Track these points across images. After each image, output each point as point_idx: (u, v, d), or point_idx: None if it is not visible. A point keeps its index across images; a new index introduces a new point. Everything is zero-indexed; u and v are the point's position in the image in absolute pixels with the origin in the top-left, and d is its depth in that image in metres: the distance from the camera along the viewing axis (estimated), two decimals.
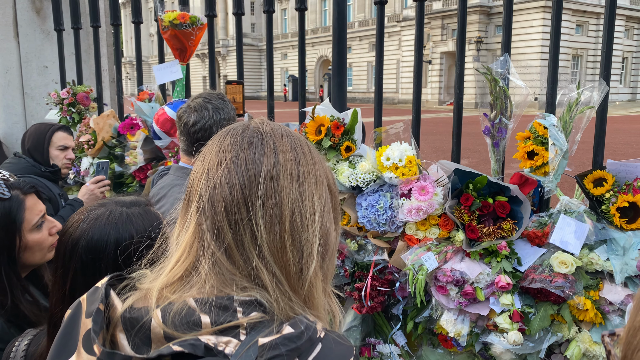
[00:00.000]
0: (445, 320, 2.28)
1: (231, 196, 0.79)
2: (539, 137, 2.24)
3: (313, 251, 0.82)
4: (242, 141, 0.83)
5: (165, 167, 2.19)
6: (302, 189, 0.82)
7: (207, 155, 0.86)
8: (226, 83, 2.63)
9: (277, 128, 0.87)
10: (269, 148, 0.83)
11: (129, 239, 1.09)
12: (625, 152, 13.77)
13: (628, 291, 2.03)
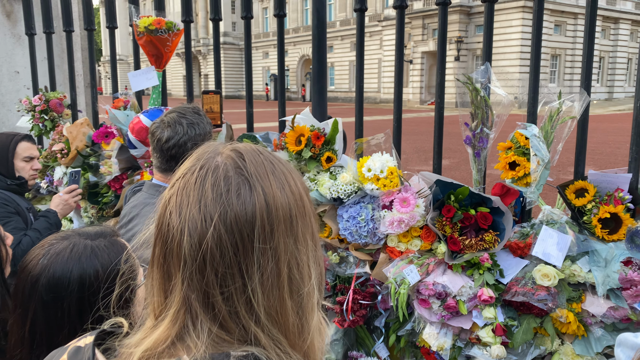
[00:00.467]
0: (428, 334, 2.25)
1: (223, 263, 0.71)
2: (520, 148, 2.22)
3: (313, 301, 0.77)
4: (227, 192, 0.73)
5: (138, 183, 2.11)
6: (297, 237, 0.76)
7: (184, 208, 0.74)
8: (203, 93, 2.56)
9: (259, 163, 0.78)
10: (259, 198, 0.74)
11: (94, 274, 1.02)
12: (602, 151, 13.99)
13: (610, 303, 2.02)
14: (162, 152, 1.73)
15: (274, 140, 2.56)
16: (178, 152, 1.73)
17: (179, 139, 1.71)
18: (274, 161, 0.80)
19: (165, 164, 1.76)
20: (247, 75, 3.06)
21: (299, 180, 0.81)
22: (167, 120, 1.74)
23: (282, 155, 2.49)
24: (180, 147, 1.72)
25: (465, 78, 2.38)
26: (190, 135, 1.73)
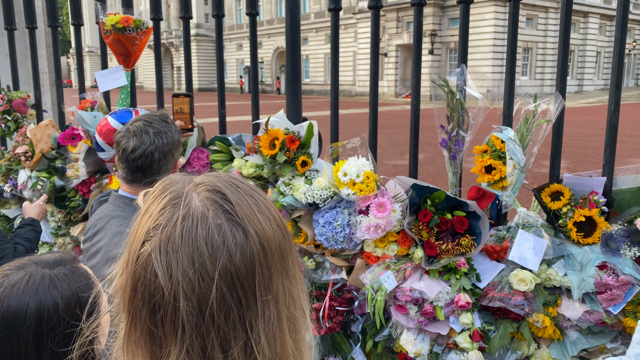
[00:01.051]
0: (405, 340, 2.23)
1: (227, 324, 0.65)
2: (496, 152, 2.21)
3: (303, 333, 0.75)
4: (224, 244, 0.66)
5: (104, 193, 2.03)
6: (289, 272, 0.72)
7: (174, 269, 0.65)
8: (173, 96, 2.47)
9: (243, 200, 0.71)
10: (254, 242, 0.68)
11: (52, 307, 0.93)
12: (573, 144, 14.26)
13: (585, 307, 2.03)
14: (127, 163, 1.65)
15: (247, 144, 2.50)
16: (145, 163, 1.65)
17: (145, 148, 1.63)
18: (253, 192, 0.75)
19: (132, 175, 1.68)
20: (219, 75, 2.98)
21: (275, 210, 0.77)
22: (132, 129, 1.66)
23: (256, 159, 2.43)
24: (147, 158, 1.64)
25: (440, 80, 2.35)
26: (157, 144, 1.65)
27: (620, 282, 1.97)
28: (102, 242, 1.66)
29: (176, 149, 1.74)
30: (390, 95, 40.28)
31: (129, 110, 2.86)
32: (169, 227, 0.68)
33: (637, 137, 15.65)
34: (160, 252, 0.67)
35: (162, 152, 1.66)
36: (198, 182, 0.73)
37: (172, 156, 1.71)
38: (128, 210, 1.69)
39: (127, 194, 1.71)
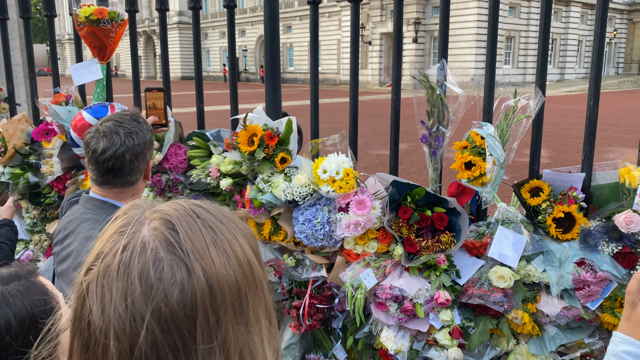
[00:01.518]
0: (385, 337, 2.22)
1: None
2: (476, 148, 2.20)
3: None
4: (159, 282, 0.59)
5: (75, 193, 1.98)
6: (248, 319, 0.64)
7: (107, 304, 0.60)
8: (146, 90, 2.41)
9: (196, 232, 0.64)
10: (199, 282, 0.60)
11: (4, 327, 0.87)
12: (554, 133, 14.39)
13: (564, 303, 2.04)
14: (98, 165, 1.60)
15: (225, 140, 2.46)
16: (115, 165, 1.60)
17: (115, 150, 1.58)
18: (215, 224, 0.67)
19: (102, 177, 1.63)
20: (197, 69, 2.92)
21: (247, 241, 0.69)
22: (102, 130, 1.61)
23: (235, 155, 2.39)
24: (117, 159, 1.59)
25: (421, 75, 2.33)
26: (128, 145, 1.60)
27: (598, 279, 1.98)
28: (73, 247, 1.61)
29: (148, 150, 1.69)
30: (374, 84, 40.23)
31: (104, 105, 2.79)
32: (109, 256, 0.63)
33: (617, 125, 15.85)
34: (97, 284, 0.61)
35: (134, 153, 1.62)
36: (157, 209, 0.67)
37: (143, 157, 1.67)
38: (99, 213, 1.64)
39: (98, 196, 1.67)
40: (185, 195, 2.70)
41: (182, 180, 2.72)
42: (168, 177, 2.70)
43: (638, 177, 2.06)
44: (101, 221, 1.62)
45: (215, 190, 2.57)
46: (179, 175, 2.73)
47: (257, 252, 0.70)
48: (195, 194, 2.64)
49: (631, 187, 2.08)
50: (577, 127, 15.69)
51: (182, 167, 2.71)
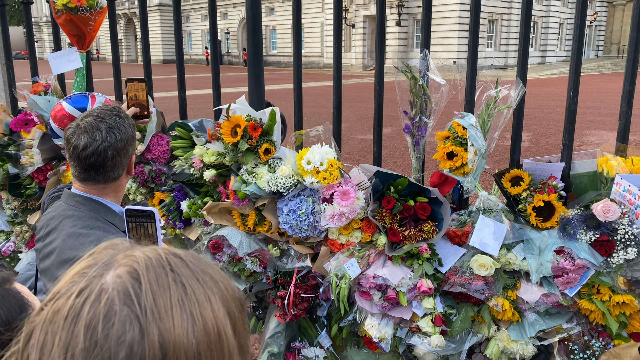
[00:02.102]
0: (369, 325, 2.26)
1: None
2: (458, 138, 2.22)
3: None
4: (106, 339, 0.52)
5: (57, 188, 1.95)
6: None
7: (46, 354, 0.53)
8: (126, 81, 2.37)
9: (163, 287, 0.57)
10: (152, 346, 0.53)
11: None
12: (535, 116, 14.53)
13: (543, 290, 2.09)
14: (79, 161, 1.58)
15: (208, 130, 2.44)
16: (97, 161, 1.58)
17: (97, 146, 1.56)
18: (189, 281, 0.59)
19: (84, 174, 1.62)
20: (179, 58, 2.89)
21: (224, 304, 0.60)
22: (83, 125, 1.58)
23: (218, 146, 2.38)
24: (99, 155, 1.58)
25: (403, 65, 2.33)
26: (110, 141, 1.58)
27: (576, 266, 2.03)
28: (56, 244, 1.60)
29: (130, 145, 1.67)
30: (358, 67, 40.08)
31: (84, 94, 2.76)
32: (62, 298, 0.56)
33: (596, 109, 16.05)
34: (42, 328, 0.55)
35: (116, 149, 1.60)
36: (130, 254, 0.61)
37: (126, 152, 1.65)
38: (82, 210, 1.63)
39: (80, 193, 1.65)
40: (169, 185, 2.68)
41: (165, 171, 2.71)
42: (151, 167, 2.69)
43: (615, 167, 2.10)
44: (84, 217, 1.61)
45: (199, 181, 2.56)
46: (162, 166, 2.71)
47: (236, 319, 0.62)
48: (178, 185, 2.63)
49: (609, 176, 2.12)
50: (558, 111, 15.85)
51: (164, 158, 2.69)
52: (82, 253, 1.54)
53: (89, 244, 1.55)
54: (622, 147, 2.17)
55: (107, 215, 1.66)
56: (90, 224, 1.60)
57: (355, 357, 2.48)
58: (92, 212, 1.63)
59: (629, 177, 2.02)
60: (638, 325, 2.06)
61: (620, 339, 2.08)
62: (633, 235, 1.98)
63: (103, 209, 1.66)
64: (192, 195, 2.60)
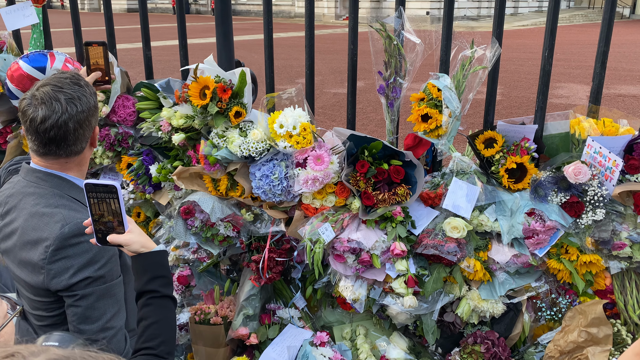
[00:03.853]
0: (343, 286, 2.28)
1: None
2: (432, 100, 2.19)
3: None
4: None
5: (15, 161, 1.85)
6: None
7: None
8: (85, 45, 2.23)
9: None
10: None
11: None
12: (507, 69, 14.55)
13: (514, 251, 2.13)
14: (38, 135, 1.47)
15: (176, 92, 2.35)
16: (58, 134, 1.47)
17: (57, 118, 1.45)
18: None
19: (44, 148, 1.51)
20: (142, 13, 2.74)
21: None
22: (39, 96, 1.46)
23: (186, 109, 2.30)
24: (60, 128, 1.46)
25: (378, 24, 2.26)
26: (71, 113, 1.47)
27: (546, 228, 2.06)
28: (17, 223, 1.52)
29: (93, 116, 1.56)
30: (330, 17, 39.14)
31: (43, 53, 2.61)
32: None
33: (566, 61, 16.14)
34: None
35: (77, 121, 1.49)
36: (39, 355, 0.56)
37: (89, 124, 1.55)
38: (44, 187, 1.55)
39: (41, 168, 1.55)
40: (136, 149, 2.60)
41: (132, 134, 2.62)
42: (117, 130, 2.59)
43: (587, 128, 2.11)
44: (47, 195, 1.53)
45: (167, 145, 2.48)
46: (129, 129, 2.62)
47: None
48: (146, 149, 2.55)
49: (580, 137, 2.13)
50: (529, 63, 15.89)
51: (131, 120, 2.60)
52: (46, 234, 1.47)
53: (54, 223, 1.47)
54: (594, 109, 2.17)
55: (71, 191, 1.57)
56: (54, 202, 1.52)
57: (329, 317, 2.52)
58: (55, 189, 1.54)
59: (600, 139, 2.03)
60: (603, 283, 2.13)
61: (586, 296, 2.15)
62: (602, 196, 2.02)
63: (66, 185, 1.57)
64: (161, 159, 2.53)
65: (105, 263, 1.52)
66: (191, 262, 2.61)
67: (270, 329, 2.46)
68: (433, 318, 2.21)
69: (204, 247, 2.37)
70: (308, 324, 2.49)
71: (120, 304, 1.58)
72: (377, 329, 2.46)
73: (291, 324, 2.48)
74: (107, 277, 1.53)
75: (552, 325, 2.26)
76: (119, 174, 2.69)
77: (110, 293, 1.53)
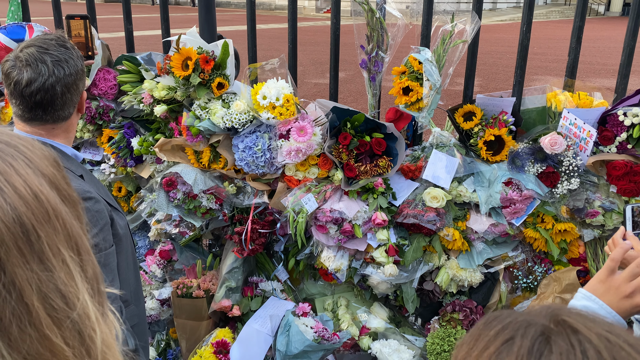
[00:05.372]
0: (326, 257, 2.31)
1: None
2: (414, 73, 2.22)
3: (91, 320, 0.61)
4: None
5: None
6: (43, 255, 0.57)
7: None
8: (67, 18, 2.20)
9: None
10: None
11: None
12: (486, 62, 14.74)
13: (492, 221, 2.18)
14: (23, 99, 1.43)
15: (158, 64, 2.34)
16: (45, 98, 1.43)
17: (43, 81, 1.40)
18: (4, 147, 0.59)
19: (30, 113, 1.46)
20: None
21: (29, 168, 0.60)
22: (24, 58, 1.41)
23: (168, 80, 2.29)
24: (47, 92, 1.41)
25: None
26: (58, 76, 1.41)
27: (523, 197, 2.12)
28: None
29: (80, 79, 1.52)
30: (310, 10, 39.07)
31: (21, 24, 2.57)
32: None
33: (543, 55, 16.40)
34: None
35: (65, 84, 1.44)
36: None
37: (76, 88, 1.50)
38: None
39: (26, 134, 1.53)
40: (118, 122, 2.58)
41: (113, 107, 2.60)
42: (98, 103, 2.57)
43: (563, 101, 2.17)
44: None
45: (149, 118, 2.47)
46: (110, 102, 2.60)
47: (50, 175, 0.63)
48: (128, 122, 2.53)
49: (557, 110, 2.19)
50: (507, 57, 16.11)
51: (112, 93, 2.58)
52: None
53: None
54: (570, 82, 2.23)
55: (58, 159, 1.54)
56: None
57: (311, 289, 2.55)
58: None
59: (575, 111, 2.09)
60: (577, 251, 2.20)
61: (561, 264, 2.22)
62: (576, 166, 2.08)
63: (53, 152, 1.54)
64: (142, 132, 2.52)
65: (97, 232, 1.49)
66: (173, 236, 2.61)
67: (252, 301, 2.48)
68: (413, 286, 2.25)
69: (186, 219, 2.37)
70: (290, 297, 2.52)
71: (114, 274, 1.55)
72: (358, 300, 2.50)
73: (274, 296, 2.50)
74: (100, 245, 1.50)
75: (527, 296, 2.33)
76: (100, 148, 2.67)
77: (103, 262, 1.51)
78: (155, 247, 2.71)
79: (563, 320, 0.58)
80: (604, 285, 1.11)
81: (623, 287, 1.08)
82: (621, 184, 2.04)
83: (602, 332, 0.56)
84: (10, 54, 1.46)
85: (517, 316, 0.61)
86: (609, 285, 1.10)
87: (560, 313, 0.59)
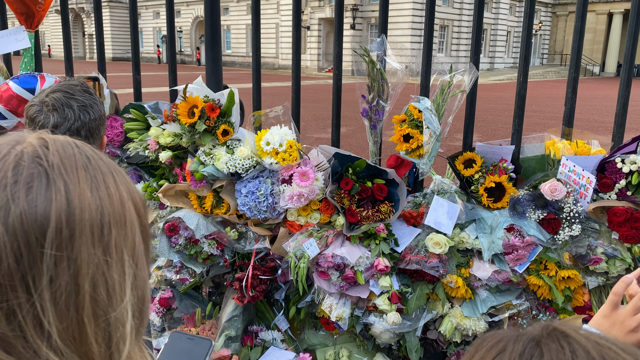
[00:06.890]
0: (327, 305, 2.28)
1: (1, 273, 0.56)
2: (414, 121, 2.28)
3: (125, 330, 0.63)
4: (15, 184, 0.57)
5: None
6: (108, 249, 0.61)
7: None
8: None
9: (69, 155, 0.62)
10: (58, 195, 0.58)
11: None
12: (484, 119, 15.02)
13: (494, 267, 2.17)
14: None
15: (164, 112, 2.40)
16: None
17: (69, 125, 1.41)
18: (93, 156, 0.65)
19: None
20: (133, 39, 2.82)
21: (124, 185, 0.66)
22: (50, 102, 1.42)
23: (174, 127, 2.35)
24: (72, 136, 1.45)
25: (362, 49, 2.37)
26: (84, 121, 1.43)
27: (525, 243, 2.12)
28: None
29: (102, 125, 1.53)
30: (313, 69, 40.23)
31: (33, 75, 2.66)
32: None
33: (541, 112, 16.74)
34: None
35: (89, 129, 1.46)
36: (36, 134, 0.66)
37: (98, 134, 1.52)
38: None
39: None
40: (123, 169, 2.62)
41: (119, 154, 2.64)
42: (104, 151, 2.61)
43: (562, 149, 2.21)
44: None
45: (154, 164, 2.51)
46: (116, 149, 2.64)
47: (137, 201, 0.68)
48: (133, 168, 2.57)
49: (555, 157, 2.23)
50: (505, 114, 16.43)
51: (118, 141, 2.63)
52: None
53: None
54: (567, 131, 2.28)
55: None
56: None
57: (312, 339, 2.50)
58: None
59: (574, 158, 2.12)
60: (582, 300, 2.17)
61: (566, 312, 2.19)
62: (577, 213, 2.09)
63: None
64: (147, 177, 2.55)
65: None
66: (173, 282, 2.58)
67: (252, 350, 2.42)
68: (417, 335, 2.21)
69: (187, 264, 2.36)
70: (291, 347, 2.46)
71: None
72: (361, 351, 2.44)
73: (274, 346, 2.45)
74: None
75: None
76: None
77: None
78: (154, 295, 2.68)
79: (554, 328, 0.61)
80: (609, 320, 1.10)
81: (628, 322, 1.07)
82: (623, 231, 2.04)
83: (591, 337, 0.59)
84: (35, 99, 1.49)
85: (511, 332, 0.64)
86: (613, 320, 1.09)
87: (552, 324, 0.62)
